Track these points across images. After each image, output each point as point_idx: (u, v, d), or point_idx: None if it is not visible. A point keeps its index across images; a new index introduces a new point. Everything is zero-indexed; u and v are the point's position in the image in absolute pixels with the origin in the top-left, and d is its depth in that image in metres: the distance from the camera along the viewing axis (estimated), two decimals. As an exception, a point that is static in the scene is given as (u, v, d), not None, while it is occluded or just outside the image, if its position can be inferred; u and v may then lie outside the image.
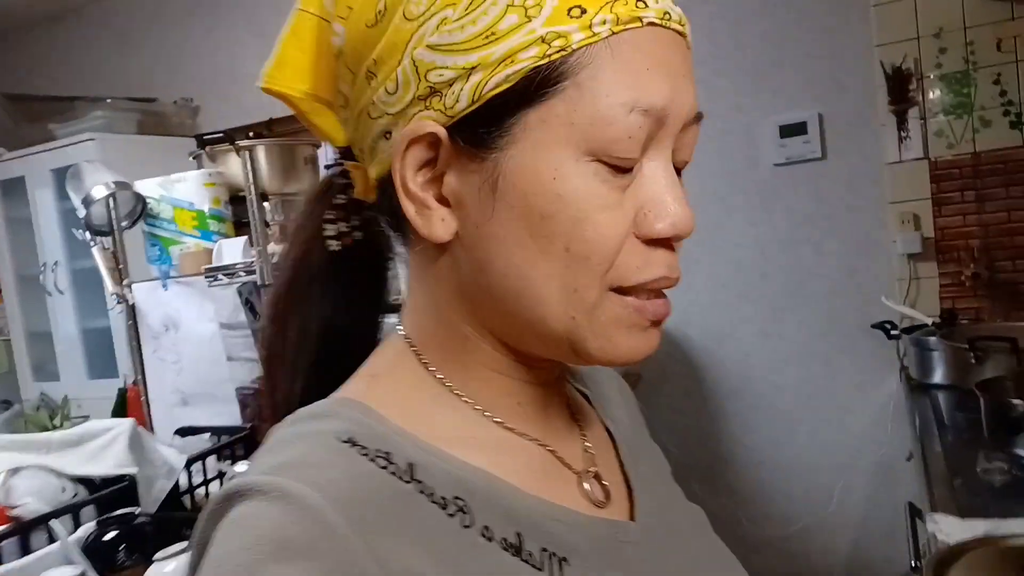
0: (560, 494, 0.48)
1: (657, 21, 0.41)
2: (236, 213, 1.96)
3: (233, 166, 1.87)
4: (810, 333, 2.37)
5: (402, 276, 0.52)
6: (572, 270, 0.42)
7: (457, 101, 0.41)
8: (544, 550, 0.44)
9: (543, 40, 0.39)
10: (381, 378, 0.48)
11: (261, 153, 2.00)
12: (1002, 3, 2.06)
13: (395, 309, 0.53)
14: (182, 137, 2.94)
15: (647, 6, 0.41)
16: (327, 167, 0.53)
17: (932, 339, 1.98)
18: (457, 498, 0.43)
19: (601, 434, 0.56)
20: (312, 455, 0.41)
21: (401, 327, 0.50)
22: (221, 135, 1.84)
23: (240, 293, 1.98)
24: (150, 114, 3.04)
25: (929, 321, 1.96)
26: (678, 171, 0.45)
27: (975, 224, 2.16)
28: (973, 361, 1.68)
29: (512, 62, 0.40)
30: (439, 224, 0.44)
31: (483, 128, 0.41)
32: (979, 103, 2.12)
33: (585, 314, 0.43)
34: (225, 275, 1.67)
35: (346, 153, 0.51)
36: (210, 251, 1.77)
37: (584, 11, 0.40)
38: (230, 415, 1.71)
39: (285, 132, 2.30)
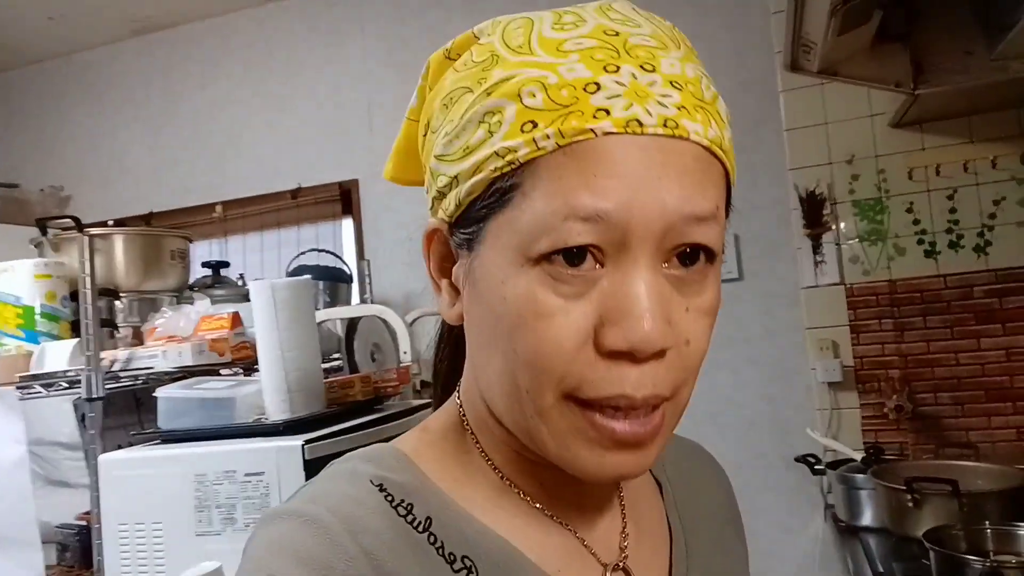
0: None
1: (615, 130, 0.40)
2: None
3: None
4: (728, 467, 2.19)
5: None
6: (521, 371, 0.43)
7: (449, 205, 0.46)
8: None
9: (497, 154, 0.42)
10: (430, 433, 0.52)
11: (119, 244, 1.72)
12: (912, 133, 2.08)
13: None
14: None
15: (609, 115, 0.41)
16: None
17: (861, 477, 1.82)
18: (465, 557, 0.45)
19: (656, 529, 0.55)
20: (346, 493, 0.46)
21: (458, 392, 0.53)
22: (68, 219, 1.56)
23: (76, 407, 1.64)
24: (10, 200, 2.72)
25: (857, 457, 1.81)
26: (695, 255, 0.43)
27: (894, 353, 2.08)
28: (911, 504, 1.51)
29: (479, 171, 0.43)
30: (450, 308, 0.48)
31: (465, 230, 0.45)
32: (893, 230, 2.10)
33: (538, 417, 0.43)
34: (43, 385, 1.35)
35: None
36: (31, 355, 1.45)
37: (535, 125, 0.41)
38: (31, 568, 1.34)
39: (166, 226, 2.03)
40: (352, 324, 2.24)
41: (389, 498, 0.46)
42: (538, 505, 0.49)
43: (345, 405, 1.55)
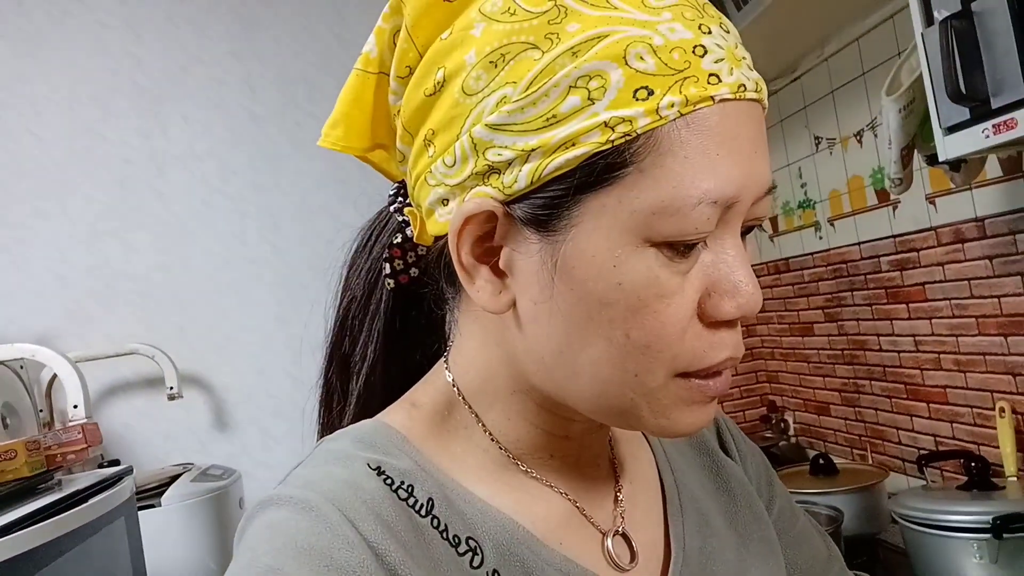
0: (579, 550, 0.47)
1: (731, 96, 0.39)
2: None
3: None
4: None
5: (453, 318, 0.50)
6: (632, 356, 0.40)
7: (516, 181, 0.40)
8: None
9: (606, 125, 0.38)
10: (422, 409, 0.49)
11: None
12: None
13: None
14: None
15: (720, 81, 0.38)
16: (389, 203, 0.52)
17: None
18: (470, 538, 0.44)
19: (649, 484, 0.54)
20: (342, 476, 0.43)
21: (447, 367, 0.50)
22: None
23: None
24: None
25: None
26: (751, 229, 0.43)
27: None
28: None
29: (573, 146, 0.38)
30: (495, 297, 0.43)
31: (542, 210, 0.40)
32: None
33: (645, 396, 0.42)
34: None
35: (406, 190, 0.50)
36: None
37: (651, 92, 0.37)
38: None
39: None
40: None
41: (388, 481, 0.44)
42: (537, 475, 0.48)
43: (1, 487, 1.07)
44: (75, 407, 1.27)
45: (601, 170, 0.38)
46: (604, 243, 0.39)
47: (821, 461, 1.52)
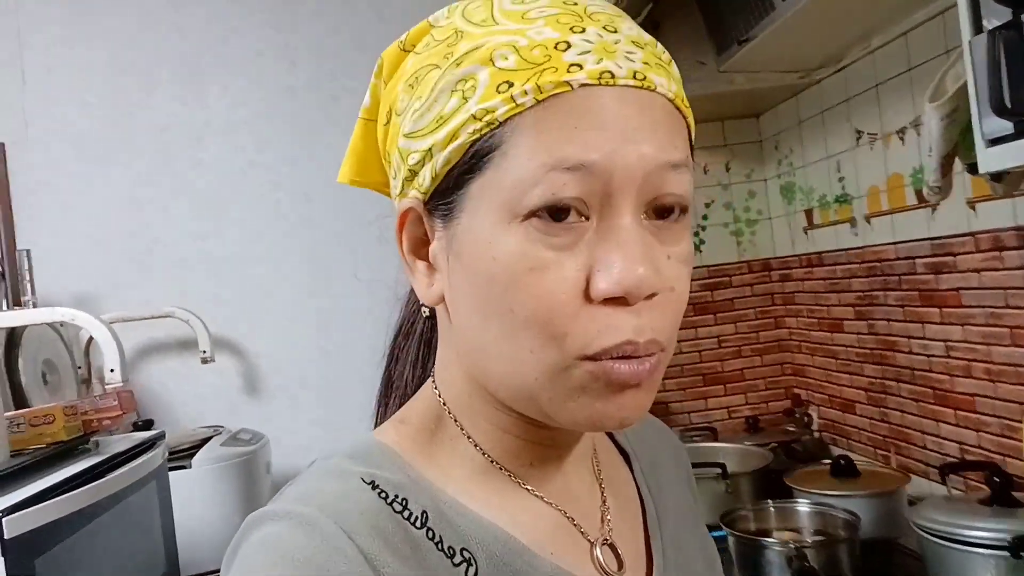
0: (570, 560, 0.48)
1: (591, 82, 0.42)
2: None
3: None
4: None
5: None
6: (522, 331, 0.42)
7: (424, 179, 0.45)
8: None
9: (474, 117, 0.42)
10: (409, 425, 0.50)
11: None
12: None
13: None
14: None
15: (581, 68, 0.42)
16: None
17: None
18: (464, 549, 0.45)
19: (630, 498, 0.56)
20: (338, 491, 0.44)
21: (434, 381, 0.52)
22: None
23: None
24: None
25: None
26: (669, 211, 0.44)
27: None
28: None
29: (455, 138, 0.43)
30: (428, 289, 0.47)
31: (443, 201, 0.45)
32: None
33: (548, 376, 0.43)
34: None
35: None
36: None
37: (511, 84, 0.42)
38: None
39: None
40: (12, 337, 1.67)
41: (383, 495, 0.45)
42: (525, 485, 0.49)
43: (39, 450, 1.12)
44: (111, 371, 1.32)
45: (474, 157, 0.43)
46: (483, 223, 0.43)
47: (843, 462, 1.51)
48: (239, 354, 2.07)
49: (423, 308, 0.54)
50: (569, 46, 0.42)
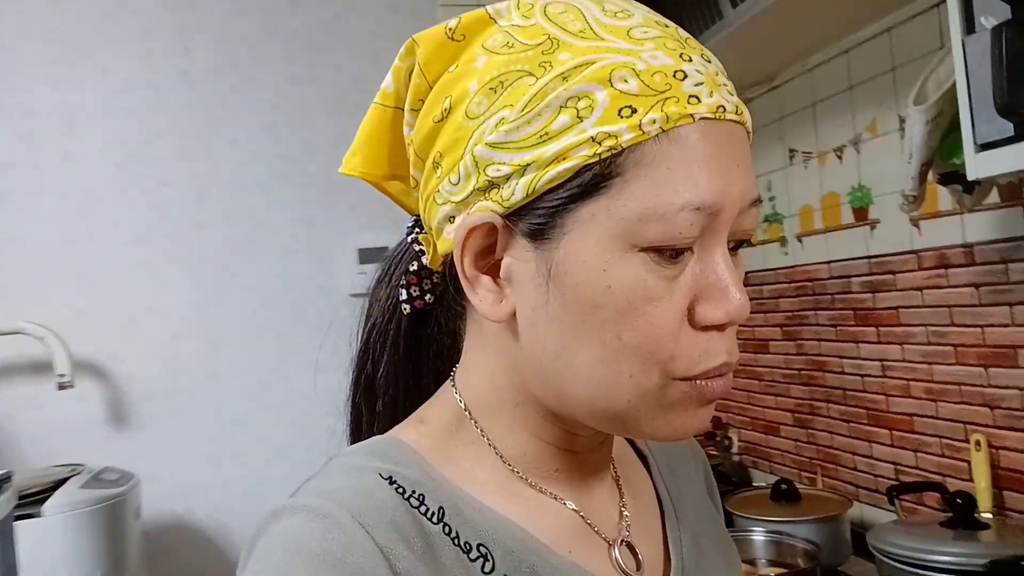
0: (588, 559, 0.48)
1: (709, 116, 0.42)
2: None
3: None
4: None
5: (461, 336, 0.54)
6: (625, 357, 0.43)
7: (513, 194, 0.44)
8: None
9: (593, 140, 0.41)
10: (429, 425, 0.51)
11: None
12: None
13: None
14: None
15: (700, 101, 0.42)
16: (407, 234, 0.55)
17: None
18: (481, 545, 0.45)
19: (648, 500, 0.57)
20: (355, 486, 0.45)
21: (455, 384, 0.52)
22: None
23: None
24: None
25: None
26: (741, 244, 0.46)
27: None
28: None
29: (564, 159, 0.42)
30: (496, 306, 0.46)
31: (537, 220, 0.44)
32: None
33: (642, 398, 0.44)
34: None
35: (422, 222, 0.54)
36: None
37: (634, 111, 0.41)
38: None
39: None
40: None
41: (400, 490, 0.45)
42: (544, 489, 0.50)
43: None
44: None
45: (590, 181, 0.42)
46: (594, 249, 0.42)
47: (783, 486, 1.45)
48: (105, 378, 1.77)
49: (403, 306, 0.54)
50: (685, 76, 0.42)
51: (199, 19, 1.86)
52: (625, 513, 0.53)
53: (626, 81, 0.41)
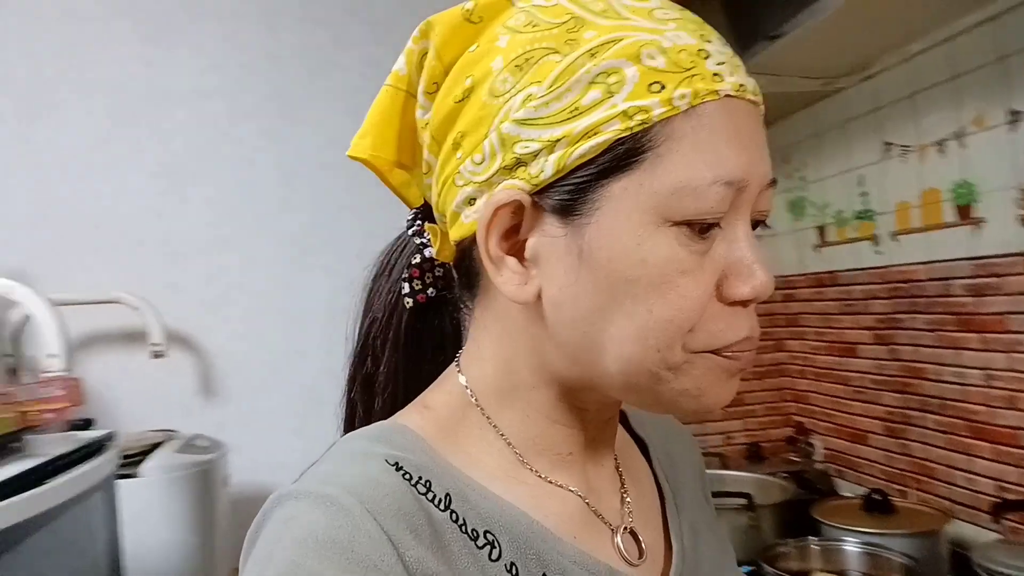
0: (592, 545, 0.48)
1: (733, 94, 0.43)
2: None
3: None
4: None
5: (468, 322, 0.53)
6: (654, 331, 0.43)
7: (542, 171, 0.43)
8: None
9: (625, 114, 0.42)
10: (434, 411, 0.50)
11: None
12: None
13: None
14: None
15: (723, 80, 0.43)
16: (408, 227, 0.55)
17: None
18: (488, 532, 0.45)
19: (648, 487, 0.57)
20: (362, 471, 0.44)
21: (461, 371, 0.51)
22: None
23: None
24: None
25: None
26: (757, 224, 0.47)
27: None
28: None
29: (595, 134, 0.42)
30: (522, 287, 0.46)
31: (567, 197, 0.44)
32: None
33: (669, 371, 0.44)
34: None
35: (424, 214, 0.54)
36: None
37: (663, 86, 0.42)
38: None
39: None
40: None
41: (407, 477, 0.44)
42: (548, 478, 0.50)
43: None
44: (50, 356, 1.09)
45: (622, 156, 0.42)
46: (627, 224, 0.42)
47: (876, 497, 1.38)
48: (196, 350, 1.83)
49: (406, 300, 0.53)
50: (708, 55, 0.43)
51: (279, 3, 1.90)
52: (627, 500, 0.53)
53: (653, 58, 0.42)
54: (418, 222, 0.54)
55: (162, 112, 1.84)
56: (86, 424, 1.54)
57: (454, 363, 0.52)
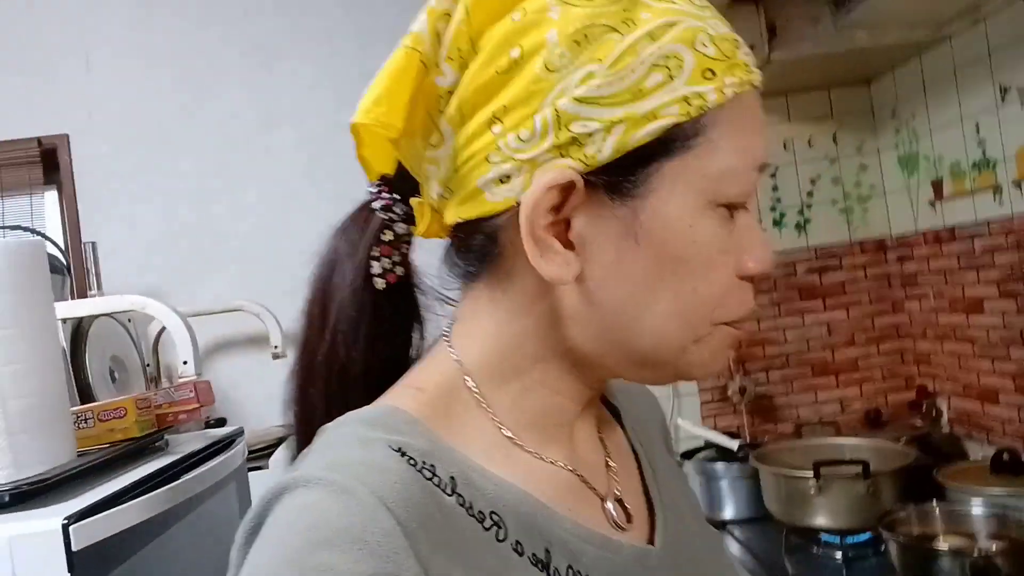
0: (584, 516, 0.49)
1: (757, 84, 0.46)
2: None
3: None
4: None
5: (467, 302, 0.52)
6: (694, 307, 0.46)
7: (600, 152, 0.43)
8: (570, 567, 0.46)
9: (685, 100, 0.43)
10: (427, 392, 0.49)
11: None
12: (779, 100, 2.01)
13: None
14: None
15: (751, 71, 0.46)
16: (372, 202, 0.52)
17: (720, 465, 1.69)
18: (493, 513, 0.44)
19: (626, 454, 0.58)
20: (367, 458, 0.42)
21: (453, 350, 0.50)
22: None
23: None
24: None
25: (735, 446, 1.67)
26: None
27: (729, 335, 2.00)
28: (814, 491, 1.38)
29: (656, 117, 0.43)
30: (563, 266, 0.45)
31: (623, 177, 0.44)
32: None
33: (696, 343, 0.47)
34: None
35: (391, 186, 0.51)
36: None
37: (715, 73, 0.43)
38: None
39: None
40: (79, 332, 1.58)
41: (412, 462, 0.43)
42: (539, 452, 0.49)
43: (107, 449, 0.99)
44: (184, 363, 1.20)
45: (678, 139, 0.43)
46: (681, 206, 0.44)
47: (1006, 457, 1.30)
48: (312, 349, 1.95)
49: (376, 280, 0.50)
50: (739, 45, 0.45)
51: (374, 20, 1.97)
52: (612, 466, 0.54)
53: (705, 45, 0.43)
54: (384, 195, 0.51)
55: (267, 134, 1.97)
56: (220, 422, 1.68)
57: (443, 341, 0.50)
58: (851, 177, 2.03)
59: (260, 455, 1.46)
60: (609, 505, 0.51)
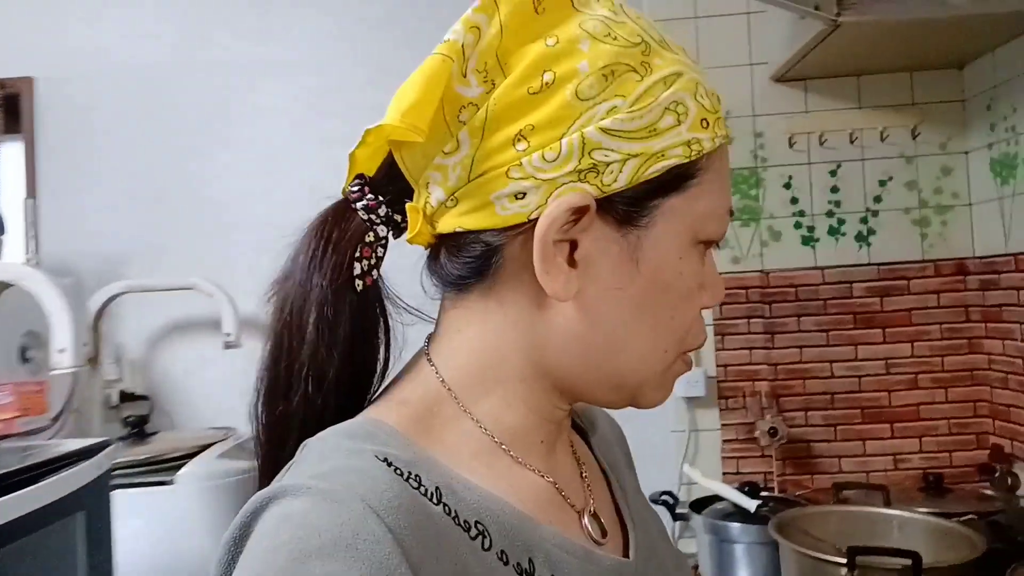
0: (564, 527, 0.51)
1: (728, 140, 0.50)
2: None
3: None
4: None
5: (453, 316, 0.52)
6: (667, 333, 0.50)
7: (615, 180, 0.46)
8: None
9: (687, 143, 0.47)
10: (410, 406, 0.50)
11: None
12: (795, 91, 1.69)
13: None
14: None
15: (727, 127, 0.51)
16: (354, 201, 0.51)
17: (736, 527, 1.39)
18: (478, 522, 0.46)
19: (597, 471, 0.60)
20: (354, 466, 0.43)
21: (431, 362, 0.51)
22: None
23: None
24: None
25: (752, 507, 1.35)
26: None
27: (763, 361, 1.68)
28: (844, 583, 1.06)
29: (664, 157, 0.46)
30: (565, 283, 0.47)
31: (630, 208, 0.47)
32: (768, 210, 1.69)
33: (661, 368, 0.50)
34: None
35: (372, 187, 0.51)
36: None
37: (708, 124, 0.48)
38: None
39: None
40: (-9, 298, 1.37)
41: (399, 472, 0.44)
42: (521, 460, 0.51)
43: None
44: (61, 351, 0.96)
45: (678, 178, 0.47)
46: (674, 239, 0.48)
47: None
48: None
49: (357, 282, 0.50)
50: (720, 101, 0.50)
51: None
52: (587, 482, 0.56)
53: (703, 96, 0.48)
54: (368, 196, 0.50)
55: (254, 89, 1.75)
56: (140, 421, 1.45)
57: (423, 355, 0.52)
58: (930, 181, 1.68)
59: (170, 466, 1.22)
60: (585, 519, 0.53)
